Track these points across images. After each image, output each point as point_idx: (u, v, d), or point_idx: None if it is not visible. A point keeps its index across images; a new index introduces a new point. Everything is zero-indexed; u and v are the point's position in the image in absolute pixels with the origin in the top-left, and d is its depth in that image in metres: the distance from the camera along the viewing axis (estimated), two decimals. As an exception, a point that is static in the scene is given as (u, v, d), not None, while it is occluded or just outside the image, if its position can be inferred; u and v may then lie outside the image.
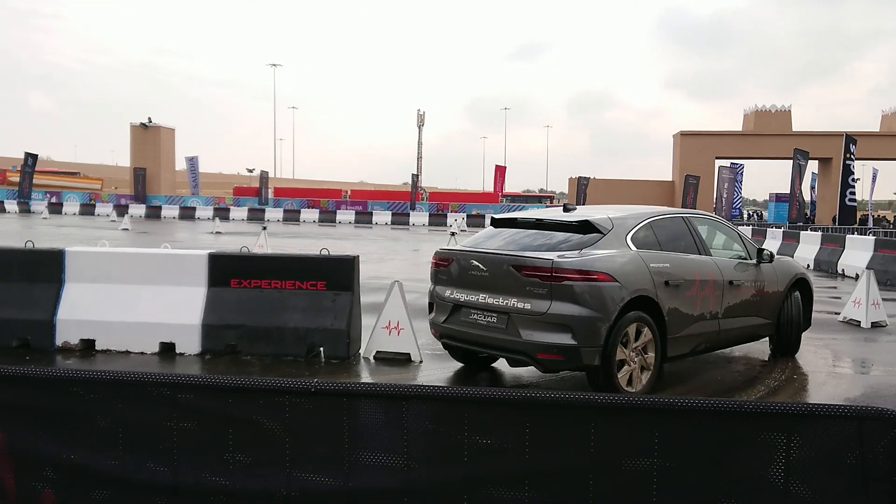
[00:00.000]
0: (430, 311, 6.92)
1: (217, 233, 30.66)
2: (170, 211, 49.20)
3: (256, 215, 47.84)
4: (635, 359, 6.03)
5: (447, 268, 6.65)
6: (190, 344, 7.52)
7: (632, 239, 6.33)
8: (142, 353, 7.49)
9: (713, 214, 8.49)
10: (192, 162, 58.40)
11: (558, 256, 5.90)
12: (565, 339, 5.73)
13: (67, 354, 7.42)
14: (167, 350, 7.51)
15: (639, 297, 5.98)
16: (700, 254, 6.90)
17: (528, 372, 6.97)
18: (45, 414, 2.46)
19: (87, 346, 7.56)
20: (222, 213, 46.37)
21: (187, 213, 48.59)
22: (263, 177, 57.91)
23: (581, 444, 2.14)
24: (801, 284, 8.13)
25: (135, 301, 7.65)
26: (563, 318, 5.73)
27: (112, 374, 2.36)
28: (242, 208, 50.56)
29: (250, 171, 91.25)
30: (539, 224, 6.62)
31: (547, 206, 58.10)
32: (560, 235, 6.32)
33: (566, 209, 6.86)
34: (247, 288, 7.64)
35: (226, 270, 7.71)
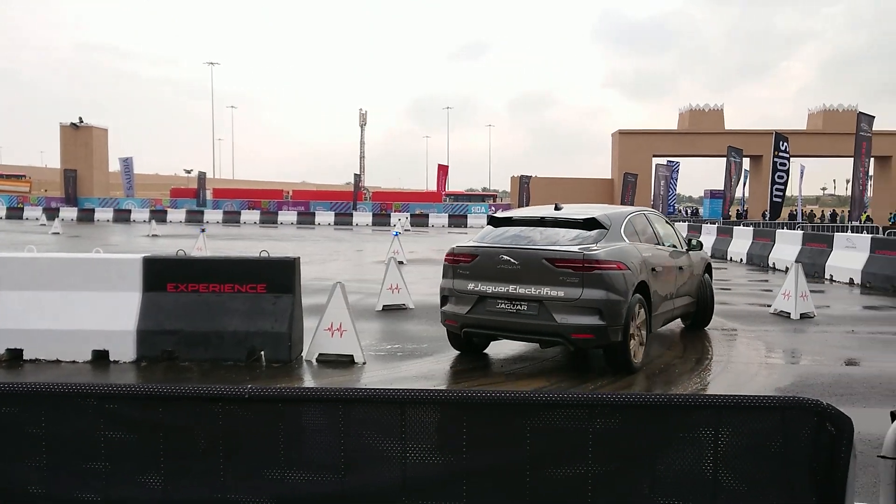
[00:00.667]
0: (443, 304, 7.44)
1: (154, 235, 29.85)
2: (103, 214, 47.72)
3: (195, 217, 46.80)
4: (636, 335, 6.98)
5: (469, 263, 7.20)
6: (124, 351, 7.29)
7: (624, 233, 7.33)
8: (73, 361, 7.22)
9: (656, 210, 10.00)
10: (127, 163, 56.74)
11: (581, 249, 6.73)
12: (595, 320, 6.57)
13: (-7, 365, 7.10)
14: (101, 358, 7.27)
15: (640, 282, 7.03)
16: (659, 244, 8.11)
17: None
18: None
19: (14, 356, 7.25)
20: (159, 216, 45.19)
21: (122, 216, 47.20)
22: (202, 178, 56.70)
23: (518, 444, 2.15)
24: (708, 268, 9.69)
25: (65, 308, 7.38)
26: (593, 303, 6.58)
27: (32, 386, 2.26)
28: (180, 210, 49.38)
29: (188, 171, 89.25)
30: (542, 222, 7.37)
31: (490, 205, 58.65)
32: (568, 231, 7.14)
33: (557, 207, 7.67)
34: (184, 292, 7.45)
35: (162, 274, 7.51)
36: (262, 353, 7.30)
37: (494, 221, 7.71)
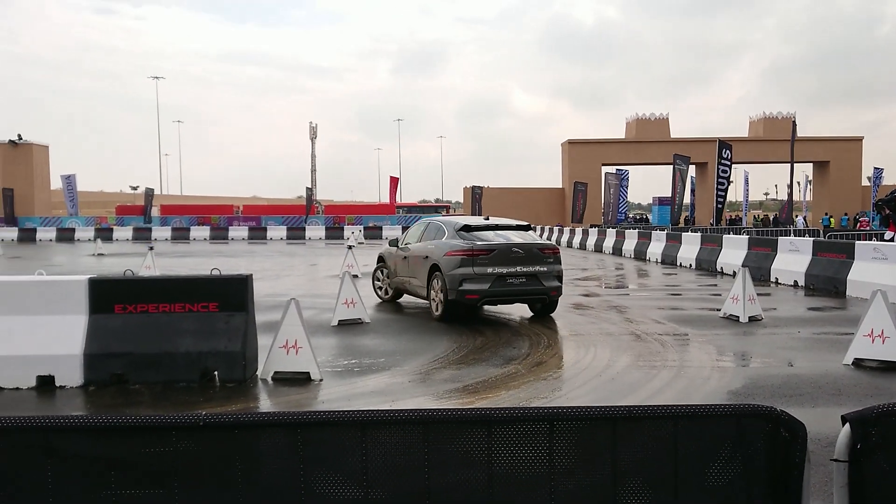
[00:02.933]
0: (461, 285, 10.27)
1: (99, 255, 29.04)
2: (46, 233, 46.25)
3: (142, 235, 45.71)
4: None
5: (488, 255, 10.35)
6: (71, 376, 7.05)
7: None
8: (17, 388, 6.96)
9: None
10: (69, 180, 55.17)
11: (551, 241, 12.31)
12: (557, 283, 10.85)
13: (-71, 395, 6.79)
14: (46, 384, 7.01)
15: None
16: None
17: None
18: None
19: (-47, 384, 6.94)
20: (105, 234, 44.02)
21: (66, 235, 45.83)
22: (149, 194, 55.52)
23: (477, 459, 2.14)
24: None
25: (7, 333, 7.10)
26: (558, 272, 10.86)
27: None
28: (127, 228, 48.20)
29: (134, 188, 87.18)
30: (499, 227, 11.29)
31: (444, 215, 58.81)
32: (524, 232, 11.35)
33: (487, 218, 11.80)
34: (132, 313, 7.25)
35: (109, 295, 7.30)
36: (216, 373, 7.15)
37: (467, 228, 10.98)
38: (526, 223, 11.69)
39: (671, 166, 38.87)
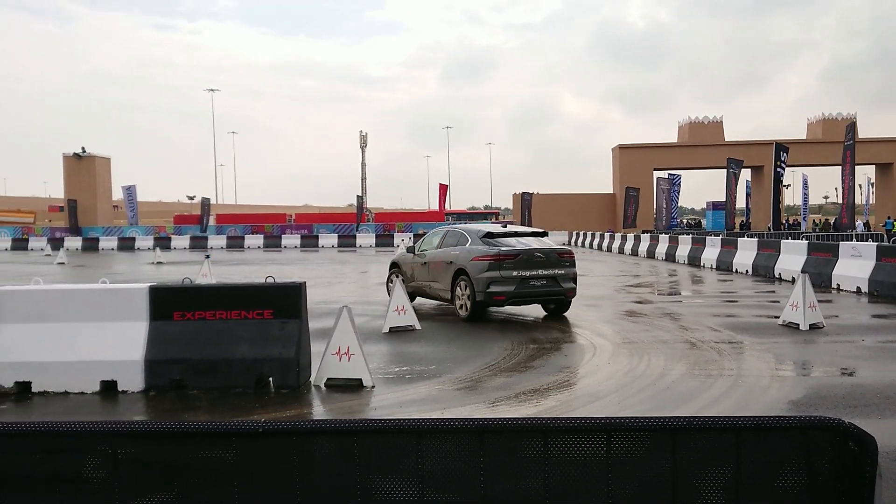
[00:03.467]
0: (488, 287, 11.26)
1: (158, 263, 29.89)
2: (108, 242, 47.83)
3: (199, 243, 46.88)
4: None
5: (514, 259, 11.42)
6: (133, 381, 7.27)
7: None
8: (82, 393, 7.20)
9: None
10: (130, 191, 56.96)
11: (568, 246, 12.92)
12: (573, 284, 11.92)
13: (2, 399, 7.08)
14: (109, 389, 7.24)
15: None
16: None
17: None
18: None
19: (23, 388, 7.23)
20: (163, 243, 45.29)
21: (126, 244, 47.31)
22: (205, 204, 56.87)
23: (535, 473, 2.12)
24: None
25: (73, 339, 7.37)
26: (573, 274, 11.95)
27: (40, 426, 2.24)
28: (184, 237, 49.49)
29: (191, 198, 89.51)
30: (518, 234, 12.35)
31: (493, 222, 58.74)
32: (542, 238, 12.41)
33: (505, 226, 12.59)
34: (191, 320, 7.44)
35: (168, 303, 7.50)
36: (271, 379, 7.27)
37: (489, 236, 12.03)
38: (542, 230, 12.96)
39: (725, 170, 38.04)
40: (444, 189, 68.35)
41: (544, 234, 12.63)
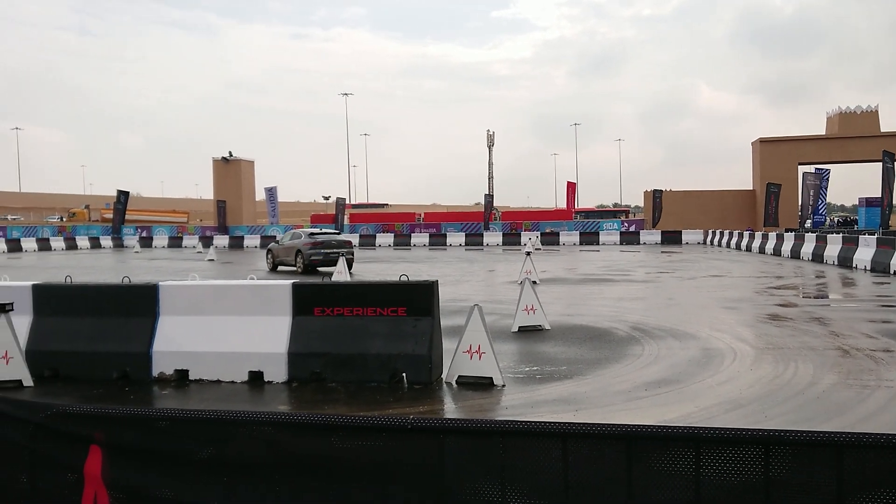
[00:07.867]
0: (310, 259, 22.17)
1: (297, 260, 31.44)
2: (251, 240, 50.83)
3: (333, 241, 48.77)
4: None
5: (322, 244, 22.65)
6: (277, 372, 7.71)
7: None
8: (232, 381, 7.72)
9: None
10: (271, 192, 60.20)
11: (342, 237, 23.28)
12: (352, 256, 23.23)
13: (163, 385, 7.73)
14: (256, 379, 7.72)
15: None
16: None
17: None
18: (152, 452, 2.55)
19: (182, 376, 7.85)
20: (301, 241, 47.45)
21: (268, 242, 49.91)
22: (340, 203, 59.08)
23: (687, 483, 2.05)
24: None
25: (224, 332, 7.91)
26: (352, 252, 23.64)
27: (211, 414, 2.43)
28: (321, 235, 51.62)
29: (326, 198, 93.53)
30: (324, 232, 24.06)
31: (623, 221, 57.21)
32: (335, 235, 24.63)
33: (320, 229, 26.02)
34: (330, 316, 7.78)
35: (309, 299, 7.89)
36: (404, 374, 7.47)
37: (311, 235, 23.20)
38: (336, 230, 21.20)
39: (880, 164, 35.04)
40: (572, 187, 67.37)
41: (339, 233, 18.25)
